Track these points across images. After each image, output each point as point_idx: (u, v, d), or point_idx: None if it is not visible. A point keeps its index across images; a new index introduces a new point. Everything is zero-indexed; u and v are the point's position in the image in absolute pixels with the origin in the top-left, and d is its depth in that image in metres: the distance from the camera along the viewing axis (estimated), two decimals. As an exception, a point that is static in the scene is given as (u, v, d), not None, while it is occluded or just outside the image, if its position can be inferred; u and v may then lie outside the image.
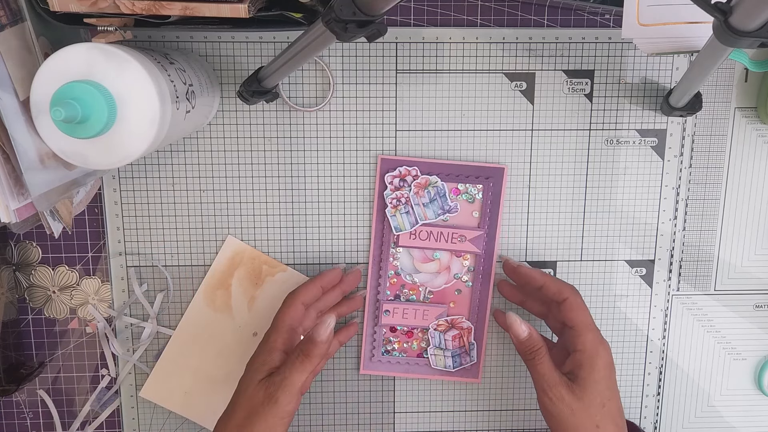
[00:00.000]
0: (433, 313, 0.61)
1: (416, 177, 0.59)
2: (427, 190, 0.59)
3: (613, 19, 0.59)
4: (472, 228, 0.60)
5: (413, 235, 0.60)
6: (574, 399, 0.51)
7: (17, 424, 0.64)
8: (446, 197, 0.59)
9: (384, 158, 0.59)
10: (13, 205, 0.48)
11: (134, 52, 0.44)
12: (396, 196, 0.59)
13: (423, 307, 0.61)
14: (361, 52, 0.59)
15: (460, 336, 0.62)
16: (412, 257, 0.61)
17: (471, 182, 0.59)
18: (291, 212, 0.61)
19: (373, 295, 0.61)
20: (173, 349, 0.62)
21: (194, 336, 0.62)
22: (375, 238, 0.60)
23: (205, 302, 0.62)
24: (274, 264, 0.62)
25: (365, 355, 0.62)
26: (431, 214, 0.59)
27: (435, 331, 0.61)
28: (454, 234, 0.60)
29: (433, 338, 0.61)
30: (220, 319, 0.62)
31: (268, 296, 0.62)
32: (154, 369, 0.62)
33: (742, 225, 0.63)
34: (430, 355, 0.62)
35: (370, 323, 0.62)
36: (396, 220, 0.59)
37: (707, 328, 0.65)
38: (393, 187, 0.59)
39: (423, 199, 0.59)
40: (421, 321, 0.61)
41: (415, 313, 0.61)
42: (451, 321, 0.61)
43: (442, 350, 0.62)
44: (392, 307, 0.61)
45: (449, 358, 0.62)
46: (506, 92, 0.60)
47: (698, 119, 0.61)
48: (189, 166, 0.60)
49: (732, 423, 0.66)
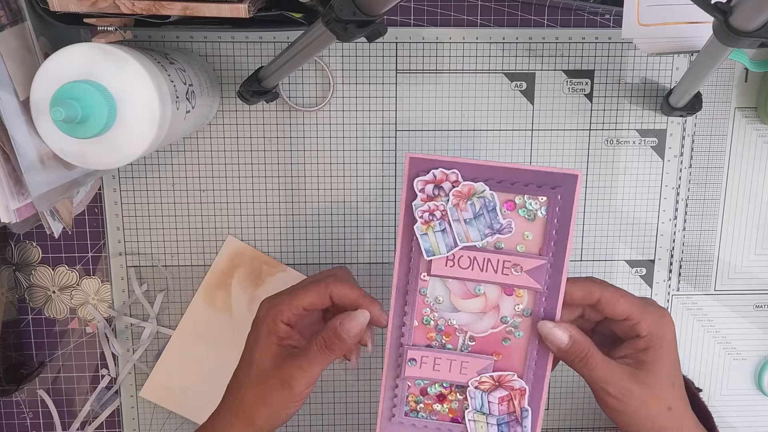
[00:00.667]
0: (474, 366, 0.46)
1: (457, 184, 0.44)
2: (470, 201, 0.44)
3: (613, 19, 0.59)
4: (531, 256, 0.45)
5: (450, 261, 0.45)
6: (643, 389, 0.45)
7: (17, 424, 0.64)
8: (497, 212, 0.45)
9: (414, 157, 0.44)
10: (13, 205, 0.48)
11: (134, 52, 0.44)
12: (429, 209, 0.45)
13: (461, 357, 0.46)
14: (361, 52, 0.59)
15: (509, 399, 0.47)
16: (448, 291, 0.46)
17: (531, 193, 0.44)
18: (291, 212, 0.61)
19: (395, 337, 0.47)
20: (173, 349, 0.62)
21: (194, 336, 0.62)
22: (401, 262, 0.46)
23: (205, 302, 0.62)
24: (274, 264, 0.62)
25: (383, 414, 0.48)
26: (476, 234, 0.45)
27: (476, 390, 0.47)
28: (507, 262, 0.45)
29: (473, 398, 0.47)
30: (220, 319, 0.62)
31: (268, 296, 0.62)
32: (154, 369, 0.62)
33: (742, 225, 0.63)
34: (468, 420, 0.47)
35: (390, 373, 0.47)
36: (428, 240, 0.45)
37: (707, 328, 0.65)
38: (425, 197, 0.45)
39: (465, 213, 0.45)
40: (457, 376, 0.46)
41: (450, 364, 0.46)
42: (499, 378, 0.46)
43: (485, 415, 0.47)
44: (420, 356, 0.46)
45: (494, 426, 0.47)
46: (506, 92, 0.60)
47: (698, 119, 0.61)
48: (189, 166, 0.60)
49: (732, 423, 0.66)
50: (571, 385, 0.65)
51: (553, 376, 0.65)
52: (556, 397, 0.65)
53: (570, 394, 0.65)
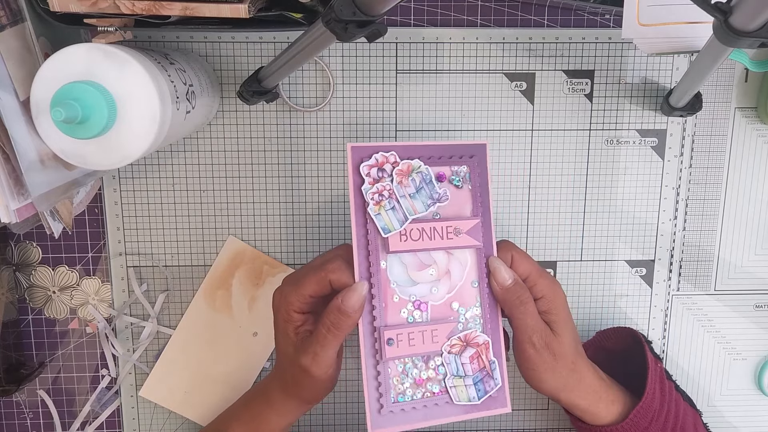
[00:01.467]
0: (443, 331, 0.49)
1: (396, 164, 0.48)
2: (411, 177, 0.48)
3: (613, 19, 0.59)
4: (466, 218, 0.50)
5: (404, 235, 0.48)
6: (556, 343, 0.49)
7: (17, 424, 0.64)
8: (433, 183, 0.49)
9: (355, 146, 0.48)
10: (13, 205, 0.48)
11: (134, 52, 0.44)
12: (377, 190, 0.48)
13: (430, 327, 0.48)
14: (361, 52, 0.59)
15: (478, 356, 0.49)
16: (405, 266, 0.48)
17: (455, 163, 0.50)
18: (291, 212, 0.61)
19: (368, 322, 0.47)
20: (173, 348, 0.62)
21: (194, 336, 0.62)
22: (359, 247, 0.47)
23: (206, 302, 0.62)
24: (275, 264, 0.62)
25: (372, 408, 0.47)
26: (420, 206, 0.48)
27: (449, 354, 0.49)
28: (449, 227, 0.49)
29: (449, 365, 0.49)
30: (221, 319, 0.62)
31: (268, 296, 0.62)
32: (154, 369, 0.62)
33: (742, 225, 0.63)
34: (449, 387, 0.49)
35: (370, 362, 0.47)
36: (382, 219, 0.47)
37: (707, 328, 0.65)
38: (372, 180, 0.48)
39: (408, 189, 0.48)
40: (431, 345, 0.48)
41: (423, 336, 0.48)
42: (465, 337, 0.49)
43: (462, 378, 0.49)
44: (395, 334, 0.47)
45: (471, 387, 0.49)
46: (506, 92, 0.60)
47: (698, 119, 0.61)
48: (189, 166, 0.60)
49: (732, 423, 0.66)
50: (571, 385, 0.65)
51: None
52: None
53: (570, 394, 0.65)
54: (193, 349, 0.62)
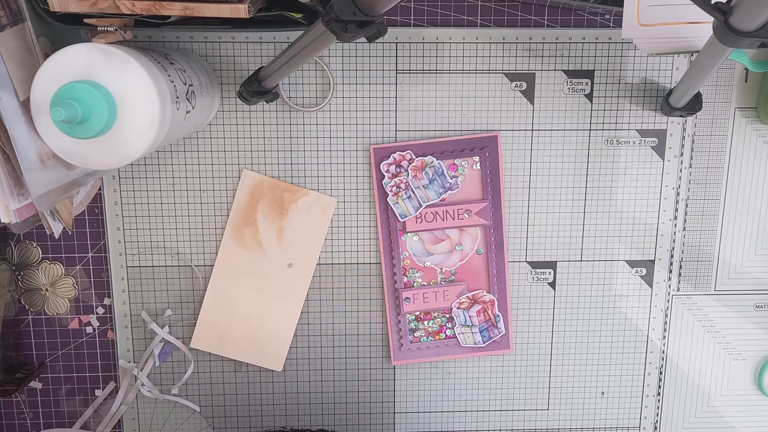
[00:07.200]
0: (453, 292, 0.61)
1: (411, 161, 0.59)
2: (424, 171, 0.59)
3: (613, 19, 0.59)
4: (476, 201, 0.60)
5: (419, 218, 0.60)
6: None
7: (17, 424, 0.64)
8: (445, 175, 0.59)
9: (376, 148, 0.59)
10: (13, 205, 0.48)
11: (134, 52, 0.44)
12: (395, 183, 0.59)
13: (442, 288, 0.61)
14: (361, 52, 0.59)
15: (483, 310, 0.62)
16: (422, 241, 0.61)
17: (466, 156, 0.60)
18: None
19: (390, 285, 0.62)
20: (212, 295, 0.62)
21: (230, 279, 0.61)
22: (382, 229, 0.61)
23: (235, 242, 0.61)
24: (295, 190, 0.61)
25: (394, 346, 0.63)
26: (433, 194, 0.60)
27: (458, 309, 0.62)
28: (459, 210, 0.60)
29: (458, 317, 0.62)
30: (253, 257, 0.61)
31: (296, 225, 0.61)
32: (199, 319, 0.62)
33: (742, 225, 0.63)
34: (458, 334, 0.62)
35: (392, 313, 0.62)
36: (399, 206, 0.59)
37: (707, 328, 0.65)
38: (390, 175, 0.59)
39: (422, 181, 0.59)
40: (442, 303, 0.61)
41: (435, 295, 0.61)
42: (473, 296, 0.62)
43: (469, 327, 0.62)
44: (411, 294, 0.61)
45: (477, 334, 0.62)
46: (506, 92, 0.60)
47: (698, 119, 0.61)
48: (189, 166, 0.60)
49: (732, 423, 0.66)
50: (572, 385, 0.65)
51: (553, 376, 0.65)
52: (556, 397, 0.65)
53: (570, 394, 0.65)
54: (232, 293, 0.62)
